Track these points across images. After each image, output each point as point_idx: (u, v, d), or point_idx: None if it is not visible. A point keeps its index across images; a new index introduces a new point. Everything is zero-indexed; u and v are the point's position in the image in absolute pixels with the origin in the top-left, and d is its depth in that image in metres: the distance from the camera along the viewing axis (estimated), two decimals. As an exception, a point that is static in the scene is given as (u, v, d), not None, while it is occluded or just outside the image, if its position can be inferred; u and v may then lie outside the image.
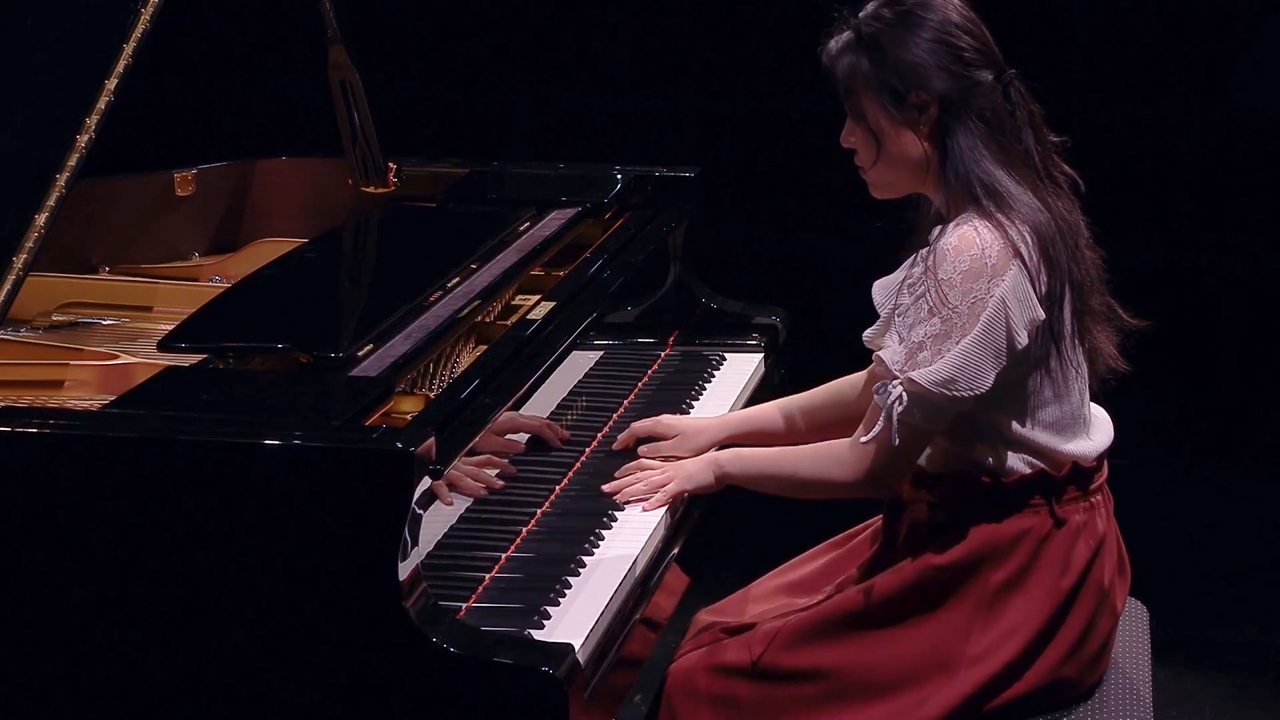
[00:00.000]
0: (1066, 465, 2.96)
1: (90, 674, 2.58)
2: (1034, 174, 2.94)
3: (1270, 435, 5.82)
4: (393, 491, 2.51)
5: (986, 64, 2.94)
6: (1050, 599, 2.93)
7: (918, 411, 2.86)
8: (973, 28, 2.95)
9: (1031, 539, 2.94)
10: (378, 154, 3.96)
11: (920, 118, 2.92)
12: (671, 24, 5.99)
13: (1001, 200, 2.89)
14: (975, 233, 2.87)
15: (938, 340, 2.85)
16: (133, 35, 3.08)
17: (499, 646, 2.53)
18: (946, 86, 2.91)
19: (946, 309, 2.85)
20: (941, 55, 2.91)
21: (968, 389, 2.85)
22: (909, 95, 2.91)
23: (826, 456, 3.01)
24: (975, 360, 2.84)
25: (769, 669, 2.97)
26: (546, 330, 3.21)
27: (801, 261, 5.95)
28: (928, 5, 2.94)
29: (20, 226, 2.96)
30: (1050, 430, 2.95)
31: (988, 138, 2.91)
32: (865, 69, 2.93)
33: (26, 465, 2.57)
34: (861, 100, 2.94)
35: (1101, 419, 3.08)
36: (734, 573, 3.32)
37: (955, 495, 2.96)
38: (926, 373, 2.84)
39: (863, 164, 3.00)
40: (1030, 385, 2.92)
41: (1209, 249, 5.78)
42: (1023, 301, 2.86)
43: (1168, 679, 4.28)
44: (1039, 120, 2.98)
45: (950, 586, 2.94)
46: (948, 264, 2.86)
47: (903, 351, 2.88)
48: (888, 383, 2.88)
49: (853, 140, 2.99)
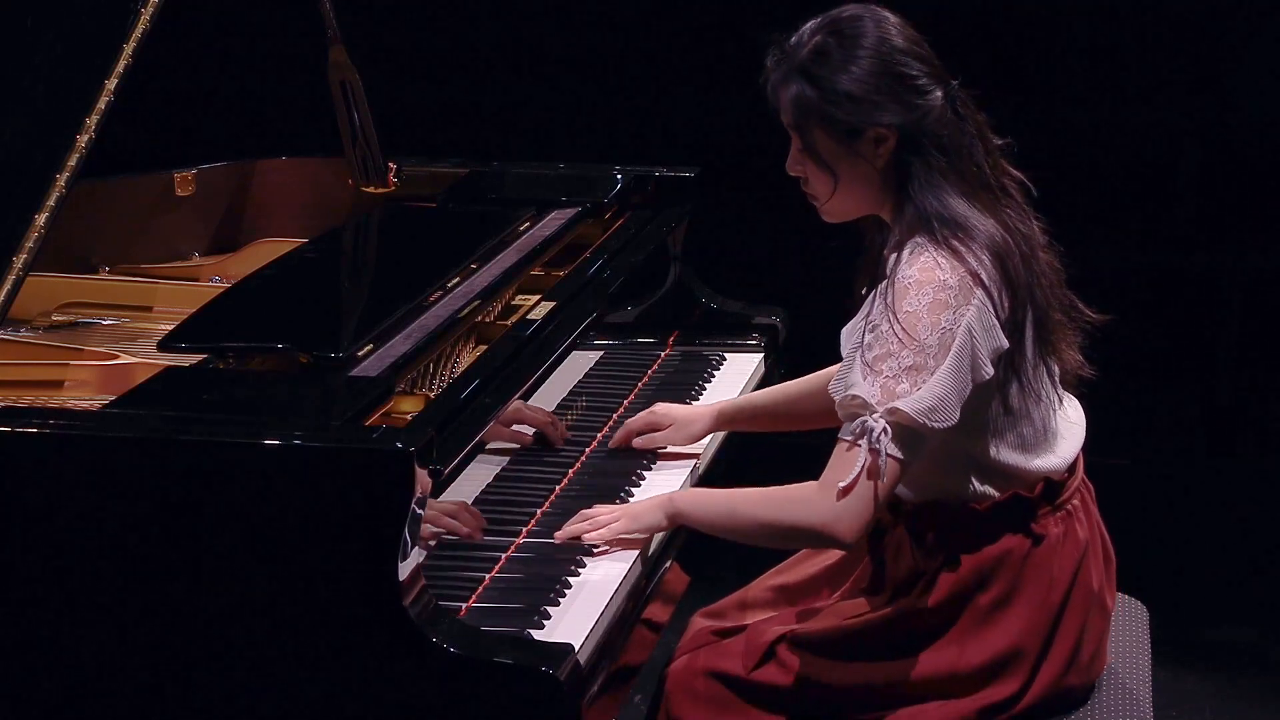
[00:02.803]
0: (1038, 483, 2.93)
1: (91, 673, 2.58)
2: (987, 192, 2.87)
3: (1270, 434, 5.82)
4: (393, 491, 2.51)
5: (935, 83, 2.86)
6: (1040, 615, 2.92)
7: (899, 444, 2.78)
8: (915, 48, 2.87)
9: (1013, 560, 2.91)
10: (378, 154, 3.96)
11: (877, 150, 2.85)
12: (671, 24, 5.99)
13: (959, 226, 2.82)
14: (935, 264, 2.80)
15: (912, 373, 2.77)
16: (133, 35, 3.08)
17: (499, 646, 2.53)
18: (903, 119, 2.83)
19: (917, 342, 2.77)
20: (893, 86, 2.83)
21: (944, 419, 2.78)
22: (865, 131, 2.84)
23: (793, 499, 2.86)
24: (950, 391, 2.78)
25: (765, 681, 2.97)
26: (546, 330, 3.21)
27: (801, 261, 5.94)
28: (864, 32, 2.84)
29: (20, 226, 2.96)
30: (1017, 450, 2.91)
31: (946, 168, 2.84)
32: (816, 104, 2.84)
33: (26, 465, 2.57)
34: (814, 136, 2.87)
35: (1069, 423, 3.01)
36: (733, 573, 3.32)
37: (932, 525, 2.93)
38: (911, 401, 2.77)
39: (816, 195, 2.92)
40: (992, 410, 2.88)
41: (1207, 249, 5.78)
42: (988, 330, 2.81)
43: (1168, 679, 4.28)
44: (984, 127, 2.91)
45: (941, 620, 2.91)
46: (910, 298, 2.79)
47: (877, 387, 2.79)
48: (866, 419, 2.78)
49: (801, 170, 2.92)
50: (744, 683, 2.97)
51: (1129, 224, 5.69)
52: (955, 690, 2.90)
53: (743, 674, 2.97)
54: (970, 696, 2.90)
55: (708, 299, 3.97)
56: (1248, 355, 5.82)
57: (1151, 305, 5.71)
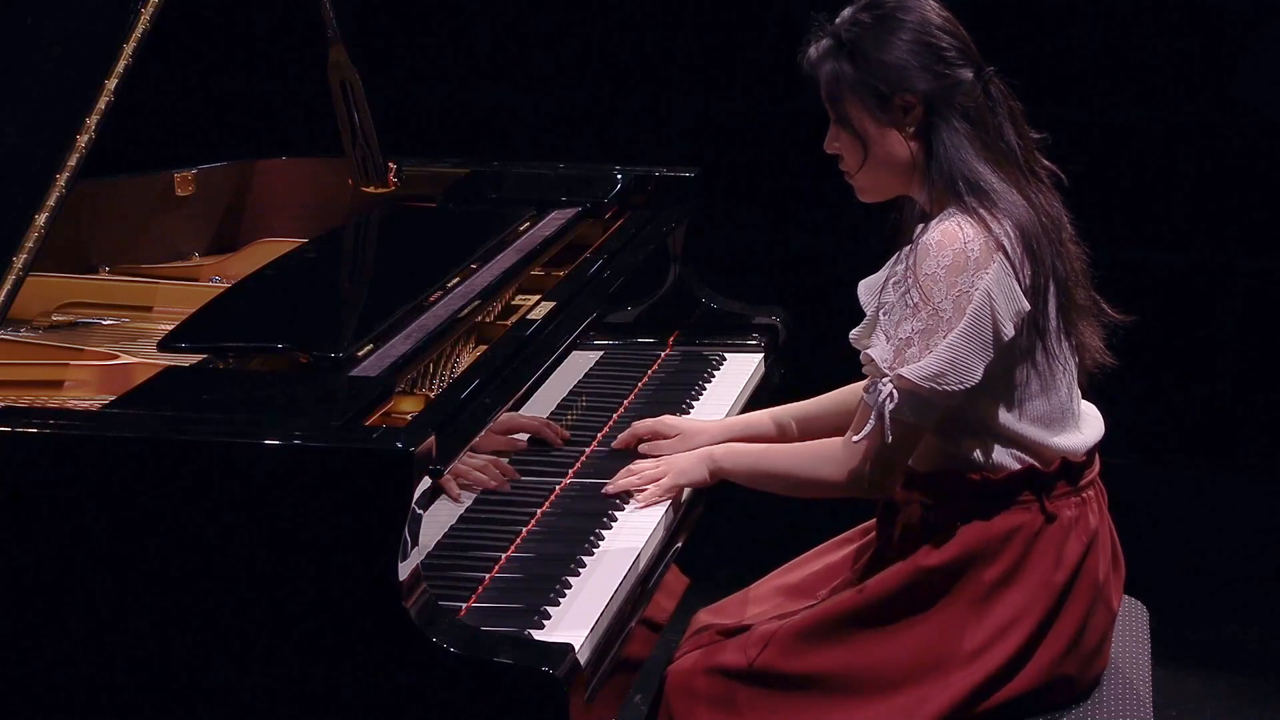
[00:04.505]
0: (1055, 460, 2.97)
1: (90, 673, 2.58)
2: (1017, 169, 2.96)
3: (1270, 435, 5.82)
4: (393, 491, 2.51)
5: (966, 62, 2.95)
6: (1044, 594, 2.94)
7: (908, 408, 2.87)
8: (951, 27, 2.97)
9: (1023, 535, 2.94)
10: (378, 154, 3.96)
11: (905, 118, 2.94)
12: (671, 24, 5.99)
13: (985, 196, 2.90)
14: (958, 228, 2.88)
15: (924, 336, 2.86)
16: (133, 35, 3.08)
17: (499, 646, 2.53)
18: (930, 86, 2.92)
19: (931, 305, 2.86)
20: (923, 55, 2.92)
21: (957, 383, 2.86)
22: (894, 97, 2.93)
23: (820, 455, 3.01)
24: (963, 354, 2.85)
25: (766, 671, 2.98)
26: (546, 330, 3.21)
27: (801, 261, 5.95)
28: (905, 7, 2.95)
29: (20, 226, 2.96)
30: (1038, 424, 2.96)
31: (971, 135, 2.93)
32: (848, 74, 2.94)
33: (26, 465, 2.57)
34: (846, 105, 2.96)
35: (1091, 414, 3.09)
36: (734, 573, 3.32)
37: (946, 494, 2.97)
38: (916, 368, 2.85)
39: (849, 169, 3.01)
40: (1017, 378, 2.93)
41: (1208, 248, 5.78)
42: (1007, 294, 2.87)
43: (1168, 679, 4.28)
44: (1020, 116, 2.99)
45: (943, 586, 2.94)
46: (930, 259, 2.87)
47: (890, 349, 2.89)
48: (878, 381, 2.89)
49: (837, 146, 3.01)
50: (745, 672, 2.98)
51: (1129, 224, 5.69)
52: (954, 664, 2.92)
53: (744, 665, 2.98)
54: (968, 668, 2.91)
55: (708, 299, 3.97)
56: (1248, 355, 5.82)
57: (1151, 305, 5.71)
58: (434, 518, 2.79)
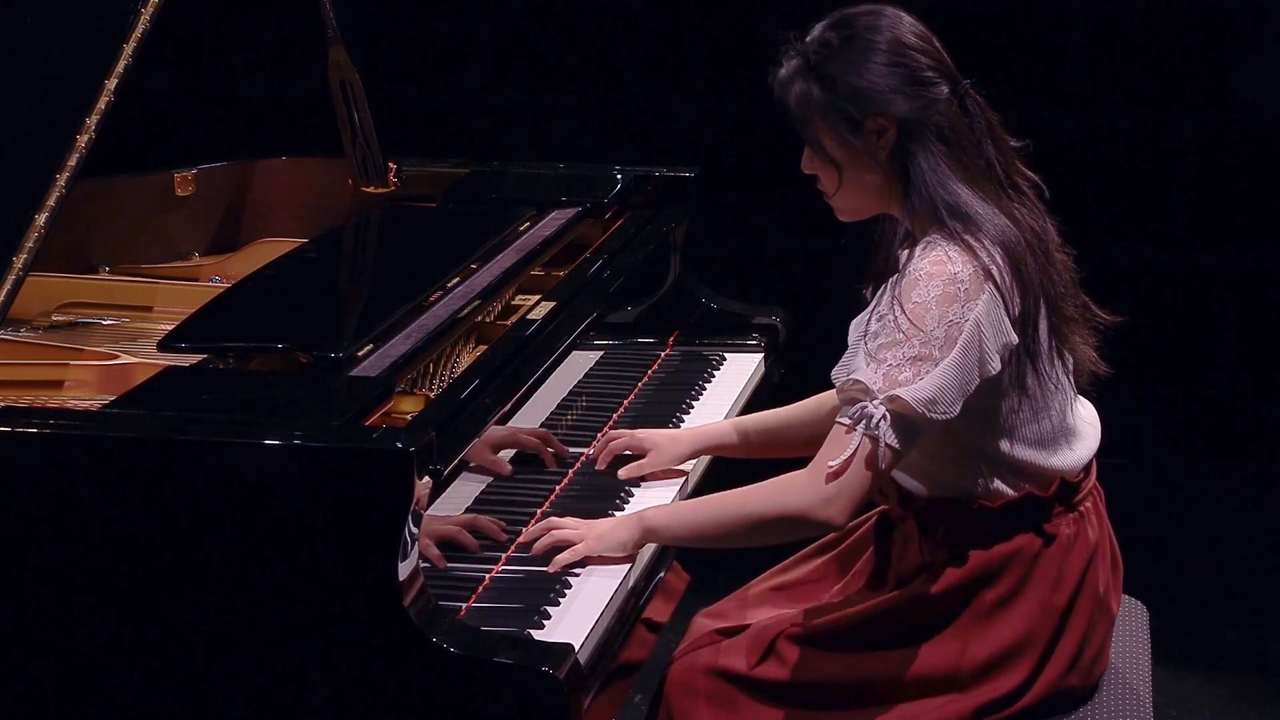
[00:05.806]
0: (1054, 481, 2.93)
1: (91, 674, 2.58)
2: (997, 186, 2.88)
3: (1270, 435, 5.82)
4: (393, 491, 2.51)
5: (941, 79, 2.87)
6: (1046, 615, 2.92)
7: (896, 432, 2.79)
8: (923, 44, 2.88)
9: (1023, 559, 2.92)
10: (378, 154, 3.96)
11: (879, 141, 2.85)
12: (671, 24, 5.99)
13: (968, 220, 2.83)
14: (945, 257, 2.81)
15: (915, 363, 2.78)
16: (133, 35, 3.08)
17: (499, 646, 2.53)
18: (903, 109, 2.84)
19: (924, 333, 2.78)
20: (895, 78, 2.83)
21: (944, 412, 2.79)
22: (865, 121, 2.84)
23: (779, 486, 2.86)
24: (953, 383, 2.79)
25: (768, 677, 2.96)
26: (546, 330, 3.21)
27: (801, 261, 5.95)
28: (876, 26, 2.86)
29: (20, 226, 2.96)
30: (1034, 447, 2.91)
31: (948, 156, 2.85)
32: (818, 97, 2.86)
33: (26, 465, 2.57)
34: (817, 129, 2.88)
35: (1086, 423, 3.03)
36: (734, 572, 3.31)
37: (944, 522, 2.93)
38: (912, 390, 2.77)
39: (826, 190, 2.94)
40: (1008, 405, 2.88)
41: (1208, 248, 5.78)
42: (996, 326, 2.81)
43: (1168, 679, 4.28)
44: (997, 128, 2.92)
45: (944, 609, 2.91)
46: (920, 289, 2.80)
47: (879, 374, 2.79)
48: (866, 404, 2.79)
49: (813, 168, 2.93)
50: (746, 679, 2.97)
51: (1129, 224, 5.69)
52: (956, 685, 2.90)
53: (745, 670, 2.97)
54: (970, 692, 2.90)
55: (708, 299, 3.97)
56: (1248, 355, 5.82)
57: (1151, 305, 5.71)
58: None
